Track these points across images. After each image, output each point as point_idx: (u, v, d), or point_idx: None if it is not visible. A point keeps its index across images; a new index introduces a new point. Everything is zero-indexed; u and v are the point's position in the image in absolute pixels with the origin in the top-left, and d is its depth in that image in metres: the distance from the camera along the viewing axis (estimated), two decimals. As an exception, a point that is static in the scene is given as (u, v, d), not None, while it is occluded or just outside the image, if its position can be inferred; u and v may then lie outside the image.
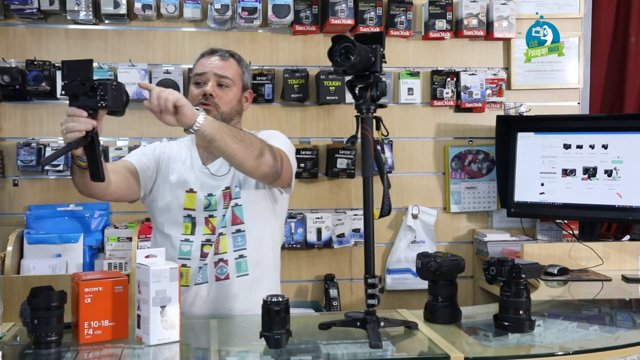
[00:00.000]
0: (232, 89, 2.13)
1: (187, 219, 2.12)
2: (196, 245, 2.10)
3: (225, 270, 2.08)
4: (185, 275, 2.08)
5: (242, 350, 1.66)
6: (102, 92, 1.60)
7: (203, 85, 2.10)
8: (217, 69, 2.11)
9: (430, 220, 3.38)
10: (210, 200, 2.11)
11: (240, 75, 2.16)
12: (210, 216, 2.11)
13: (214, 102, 2.09)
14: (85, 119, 1.63)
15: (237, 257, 2.09)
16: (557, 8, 3.46)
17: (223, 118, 2.08)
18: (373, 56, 1.68)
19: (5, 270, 2.77)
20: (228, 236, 2.09)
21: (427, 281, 1.84)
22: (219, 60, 2.13)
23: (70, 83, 1.61)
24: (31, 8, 2.95)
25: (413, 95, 3.34)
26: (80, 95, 1.61)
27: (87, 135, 1.63)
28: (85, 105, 1.62)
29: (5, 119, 3.10)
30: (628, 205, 2.94)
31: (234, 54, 2.19)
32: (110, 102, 1.61)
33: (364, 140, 1.69)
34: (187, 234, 2.11)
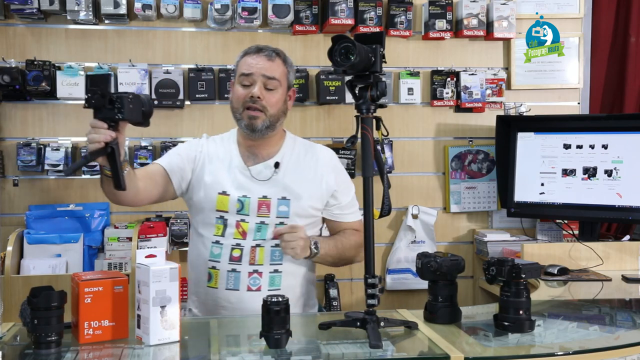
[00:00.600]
0: (279, 90, 2.11)
1: (219, 220, 2.11)
2: (226, 248, 2.09)
3: (259, 282, 2.08)
4: (214, 277, 2.09)
5: (242, 350, 1.66)
6: (119, 105, 1.68)
7: (250, 87, 2.08)
8: (265, 70, 2.08)
9: (430, 220, 3.38)
10: (243, 202, 2.09)
11: (286, 75, 2.14)
12: (242, 220, 2.09)
13: (262, 105, 2.07)
14: (105, 131, 1.70)
15: (273, 271, 2.09)
16: (557, 8, 3.46)
17: (271, 121, 2.09)
18: (373, 56, 1.68)
19: (5, 270, 2.77)
20: (266, 249, 2.08)
21: (427, 281, 1.84)
22: (265, 60, 2.09)
23: (92, 96, 1.69)
24: (31, 8, 2.95)
25: (413, 95, 3.34)
26: (101, 108, 1.69)
27: (107, 146, 1.71)
28: (105, 117, 1.70)
29: (5, 119, 3.10)
30: (628, 205, 2.94)
31: (280, 52, 2.15)
32: (126, 114, 1.69)
33: (364, 140, 1.69)
34: (218, 235, 2.11)
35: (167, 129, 3.18)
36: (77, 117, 3.14)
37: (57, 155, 3.02)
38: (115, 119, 1.70)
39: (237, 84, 2.12)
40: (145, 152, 3.09)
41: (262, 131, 2.09)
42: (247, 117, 2.08)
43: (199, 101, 3.18)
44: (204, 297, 2.12)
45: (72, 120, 3.13)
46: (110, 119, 1.71)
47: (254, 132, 2.09)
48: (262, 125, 2.08)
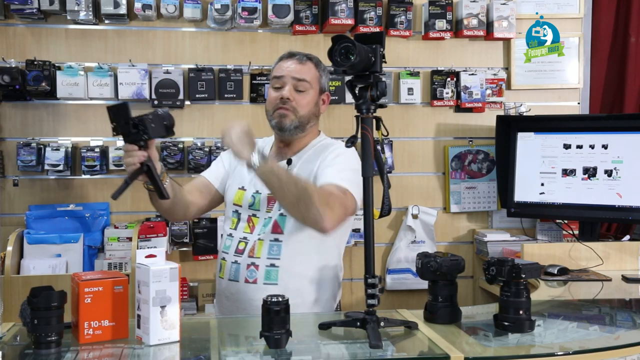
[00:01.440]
0: (309, 92, 2.16)
1: (234, 214, 2.20)
2: (235, 240, 2.16)
3: (255, 274, 2.10)
4: (222, 268, 2.17)
5: (242, 350, 1.66)
6: (142, 127, 1.82)
7: (280, 90, 2.14)
8: (295, 73, 2.14)
9: (430, 220, 3.38)
10: (255, 198, 2.15)
11: (317, 78, 2.18)
12: (254, 215, 2.16)
13: (292, 106, 2.12)
14: (137, 152, 1.85)
15: (269, 265, 2.10)
16: (557, 8, 3.46)
17: (300, 122, 2.14)
18: (373, 56, 1.68)
19: (5, 270, 2.77)
20: (265, 243, 2.11)
21: (427, 281, 1.84)
22: (296, 63, 2.15)
23: (117, 125, 1.85)
24: (31, 8, 2.95)
25: (413, 95, 3.34)
26: (127, 134, 1.84)
27: (143, 165, 1.87)
28: (134, 141, 1.85)
29: (5, 119, 3.10)
30: (628, 205, 2.94)
31: (312, 57, 2.21)
32: (151, 133, 1.83)
33: (364, 140, 1.69)
34: (232, 228, 2.19)
35: (167, 129, 3.17)
36: (77, 117, 3.14)
37: (57, 155, 3.02)
38: (143, 140, 1.84)
39: (270, 88, 2.19)
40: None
41: (291, 130, 2.14)
42: (278, 116, 2.14)
43: (199, 101, 3.18)
44: (218, 287, 2.23)
45: (72, 120, 3.13)
46: (138, 141, 1.84)
47: (283, 131, 2.14)
48: (291, 125, 2.13)
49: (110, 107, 1.86)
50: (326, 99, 2.24)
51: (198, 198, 2.22)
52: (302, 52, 2.21)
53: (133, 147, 1.85)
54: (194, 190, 2.22)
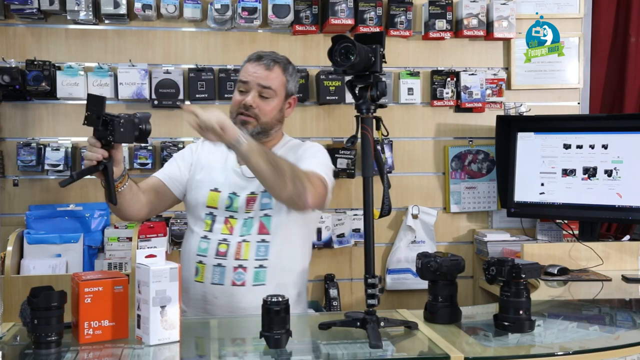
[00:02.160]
0: (274, 99, 2.14)
1: (208, 216, 2.16)
2: (213, 243, 2.13)
3: (243, 277, 2.10)
4: (201, 271, 2.13)
5: (242, 350, 1.66)
6: (111, 127, 1.79)
7: (245, 94, 2.12)
8: (260, 79, 2.12)
9: (430, 220, 3.38)
10: (232, 199, 2.14)
11: (284, 84, 2.17)
12: (231, 217, 2.13)
13: (254, 113, 2.11)
14: (98, 150, 1.82)
15: (258, 266, 2.10)
16: (557, 8, 3.46)
17: (263, 128, 2.13)
18: (373, 56, 1.68)
19: (5, 270, 2.77)
20: (252, 244, 2.11)
21: (427, 281, 1.84)
22: (263, 69, 2.13)
23: (89, 116, 1.81)
24: (31, 8, 2.95)
25: (413, 95, 3.34)
26: (96, 128, 1.81)
27: (100, 164, 1.83)
28: (100, 137, 1.82)
29: (5, 119, 3.09)
30: (628, 205, 2.94)
31: (280, 61, 2.18)
32: (117, 137, 1.80)
33: (364, 140, 1.70)
34: (207, 230, 2.16)
35: (167, 129, 3.18)
36: (77, 117, 3.13)
37: (57, 155, 3.02)
38: (107, 140, 1.81)
39: (236, 90, 2.18)
40: (145, 152, 3.09)
41: (253, 136, 2.08)
42: (239, 122, 2.11)
43: (199, 101, 3.18)
44: (192, 292, 2.15)
45: (72, 120, 3.13)
46: (104, 139, 1.82)
47: None
48: (252, 132, 2.11)
49: (90, 95, 1.84)
50: (292, 102, 2.23)
51: (154, 198, 2.18)
52: (270, 54, 2.18)
53: (97, 142, 1.83)
54: (149, 190, 2.17)
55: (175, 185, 2.23)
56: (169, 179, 2.23)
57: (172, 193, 2.23)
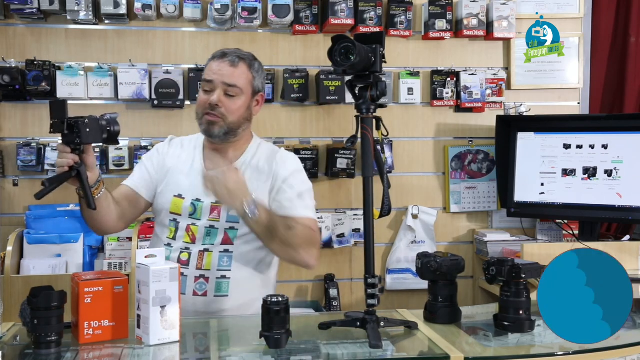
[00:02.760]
0: (241, 97, 2.08)
1: (172, 223, 2.10)
2: (175, 252, 2.07)
3: (205, 287, 2.05)
4: None
5: (242, 350, 1.66)
6: (76, 129, 1.75)
7: (210, 94, 2.06)
8: (226, 78, 2.05)
9: (430, 220, 3.38)
10: (196, 205, 2.07)
11: (250, 82, 2.10)
12: (193, 224, 2.07)
13: (220, 112, 2.05)
14: (68, 155, 1.78)
15: (219, 277, 2.05)
16: (557, 8, 3.46)
17: (230, 128, 2.07)
18: (373, 56, 1.68)
19: (5, 270, 2.77)
20: (214, 254, 2.05)
21: (427, 281, 1.84)
22: (228, 66, 2.06)
23: (54, 123, 1.77)
24: (31, 8, 2.95)
25: (413, 95, 3.34)
26: (63, 134, 1.77)
27: (72, 169, 1.80)
28: (68, 142, 1.78)
29: (5, 119, 3.10)
30: (628, 205, 2.94)
31: (245, 57, 2.12)
32: (84, 138, 1.76)
33: (364, 140, 1.70)
34: (170, 238, 2.10)
35: (167, 129, 3.17)
36: (77, 117, 3.14)
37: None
38: (74, 144, 1.78)
39: (200, 89, 2.12)
40: (145, 152, 3.08)
41: (221, 137, 2.08)
42: (206, 122, 2.07)
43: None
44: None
45: (72, 120, 3.13)
46: (72, 143, 1.78)
47: (212, 137, 2.09)
48: (220, 132, 2.07)
49: (52, 101, 1.80)
50: (260, 99, 2.17)
51: (128, 208, 2.12)
52: (235, 51, 2.12)
53: (66, 148, 1.78)
54: (122, 200, 2.10)
55: (146, 191, 2.16)
56: (139, 185, 2.16)
57: (144, 199, 2.16)
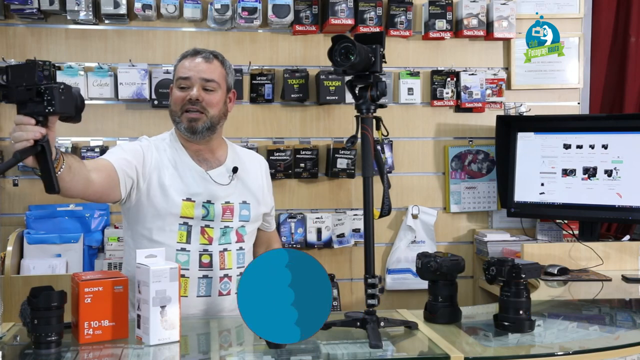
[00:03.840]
0: (218, 92, 2.10)
1: (182, 227, 2.05)
2: (194, 255, 2.05)
3: (228, 286, 2.09)
4: (183, 285, 2.02)
5: (242, 350, 1.66)
6: (49, 97, 1.48)
7: (187, 90, 2.07)
8: (203, 73, 2.07)
9: (430, 220, 3.38)
10: (208, 208, 2.07)
11: (224, 77, 2.13)
12: (207, 226, 2.07)
13: (202, 106, 2.06)
14: (33, 127, 1.50)
15: (239, 274, 2.10)
16: (557, 8, 3.46)
17: (212, 122, 2.08)
18: (373, 56, 1.68)
19: (5, 270, 2.77)
20: (233, 253, 2.10)
21: (427, 281, 1.84)
22: (203, 62, 2.09)
23: (15, 89, 1.49)
24: (31, 8, 2.95)
25: (413, 95, 3.34)
26: (27, 102, 1.49)
27: (37, 145, 1.51)
28: (32, 112, 1.50)
29: (5, 119, 3.09)
30: (628, 205, 2.94)
31: (217, 54, 2.16)
32: (58, 107, 1.49)
33: (364, 140, 1.70)
34: (183, 242, 2.05)
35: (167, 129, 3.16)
36: (77, 117, 3.14)
37: (57, 155, 3.02)
38: (44, 113, 1.50)
39: (175, 88, 2.11)
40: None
41: (203, 133, 2.08)
42: (187, 120, 2.07)
43: (199, 101, 3.17)
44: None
45: (72, 120, 3.13)
46: (38, 114, 1.50)
47: (195, 134, 2.08)
48: (203, 127, 2.07)
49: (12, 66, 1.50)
50: (233, 97, 2.20)
51: (104, 180, 1.91)
52: (206, 49, 2.15)
53: (29, 119, 1.49)
54: (102, 170, 1.91)
55: (124, 182, 1.98)
56: (122, 172, 1.97)
57: (119, 187, 1.96)
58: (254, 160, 2.30)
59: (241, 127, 3.23)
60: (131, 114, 3.15)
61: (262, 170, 2.29)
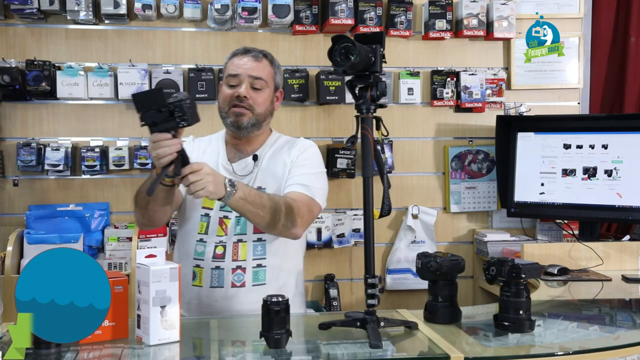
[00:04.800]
0: (265, 90, 2.14)
1: (203, 218, 2.14)
2: (210, 245, 2.11)
3: (242, 277, 2.09)
4: (198, 275, 2.11)
5: (242, 351, 1.66)
6: (179, 113, 1.68)
7: (236, 87, 2.11)
8: (251, 71, 2.11)
9: (430, 220, 3.38)
10: None
11: (272, 76, 2.17)
12: (225, 217, 2.11)
13: (248, 104, 2.10)
14: (172, 141, 1.70)
15: (255, 266, 2.10)
16: (557, 8, 3.46)
17: (257, 120, 2.12)
18: (373, 56, 1.68)
19: (5, 270, 2.77)
20: (249, 244, 2.10)
21: (427, 281, 1.84)
22: (252, 61, 2.13)
23: (147, 113, 1.69)
24: (31, 8, 2.95)
25: (413, 95, 3.34)
26: (160, 123, 1.69)
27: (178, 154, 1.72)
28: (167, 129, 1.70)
29: (5, 119, 3.09)
30: (628, 205, 2.94)
31: (267, 53, 2.19)
32: (190, 120, 1.69)
33: (364, 140, 1.70)
34: (202, 233, 2.13)
35: (167, 129, 3.17)
36: (77, 117, 3.14)
37: (57, 155, 3.02)
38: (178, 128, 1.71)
39: (224, 85, 2.16)
40: (145, 152, 3.09)
41: (248, 129, 2.12)
42: (233, 115, 2.11)
43: (199, 101, 3.16)
44: (189, 297, 2.12)
45: (72, 120, 3.13)
46: (172, 129, 1.71)
47: (240, 130, 2.12)
48: (248, 123, 2.11)
49: (137, 94, 1.70)
50: (280, 96, 2.24)
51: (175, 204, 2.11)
52: (256, 48, 2.19)
53: (166, 135, 1.70)
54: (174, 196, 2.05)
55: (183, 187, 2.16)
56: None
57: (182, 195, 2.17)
58: (290, 146, 2.22)
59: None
60: (131, 114, 3.15)
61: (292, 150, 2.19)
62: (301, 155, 2.17)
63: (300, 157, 2.16)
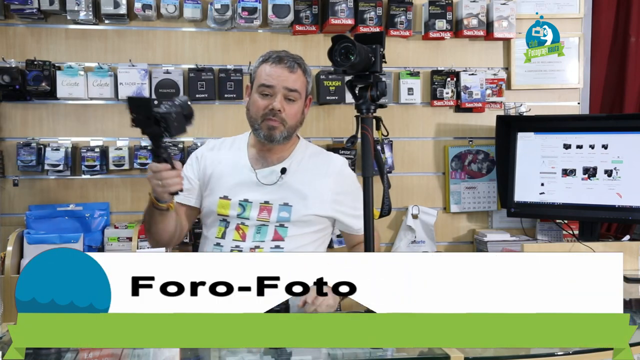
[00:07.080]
0: (298, 102, 2.12)
1: (222, 223, 2.15)
2: (225, 250, 2.11)
3: None
4: None
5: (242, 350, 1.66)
6: (164, 125, 1.77)
7: (270, 98, 2.08)
8: (287, 83, 2.08)
9: (430, 220, 3.38)
10: (244, 206, 2.12)
11: (305, 86, 2.16)
12: (242, 224, 2.12)
13: (281, 118, 2.08)
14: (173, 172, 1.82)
15: None
16: (557, 8, 3.46)
17: (289, 132, 2.12)
18: (373, 56, 1.68)
19: (5, 270, 2.77)
20: (265, 250, 2.09)
21: (427, 281, 1.83)
22: (287, 72, 2.09)
23: (136, 117, 1.78)
24: (31, 8, 2.95)
25: (413, 95, 3.34)
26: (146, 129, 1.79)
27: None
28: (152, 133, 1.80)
29: (5, 119, 3.09)
30: (628, 205, 2.94)
31: (301, 63, 2.15)
32: (173, 132, 1.78)
33: (364, 140, 1.69)
34: (219, 237, 2.14)
35: (167, 129, 3.17)
36: (77, 117, 3.14)
37: (57, 155, 3.02)
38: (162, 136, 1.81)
39: (256, 93, 2.12)
40: (145, 152, 3.09)
41: (280, 141, 2.12)
42: (267, 128, 2.10)
43: (199, 101, 3.17)
44: None
45: (72, 120, 3.13)
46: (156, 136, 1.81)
47: (272, 142, 2.13)
48: (281, 136, 2.11)
49: (131, 98, 1.80)
50: (309, 103, 2.23)
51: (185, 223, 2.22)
52: (289, 55, 2.15)
53: (166, 166, 1.82)
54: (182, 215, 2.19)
55: (195, 199, 2.23)
56: (189, 198, 2.22)
57: (195, 207, 2.24)
58: (323, 163, 2.24)
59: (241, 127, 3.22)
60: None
61: (329, 173, 2.21)
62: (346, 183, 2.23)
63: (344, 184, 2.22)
